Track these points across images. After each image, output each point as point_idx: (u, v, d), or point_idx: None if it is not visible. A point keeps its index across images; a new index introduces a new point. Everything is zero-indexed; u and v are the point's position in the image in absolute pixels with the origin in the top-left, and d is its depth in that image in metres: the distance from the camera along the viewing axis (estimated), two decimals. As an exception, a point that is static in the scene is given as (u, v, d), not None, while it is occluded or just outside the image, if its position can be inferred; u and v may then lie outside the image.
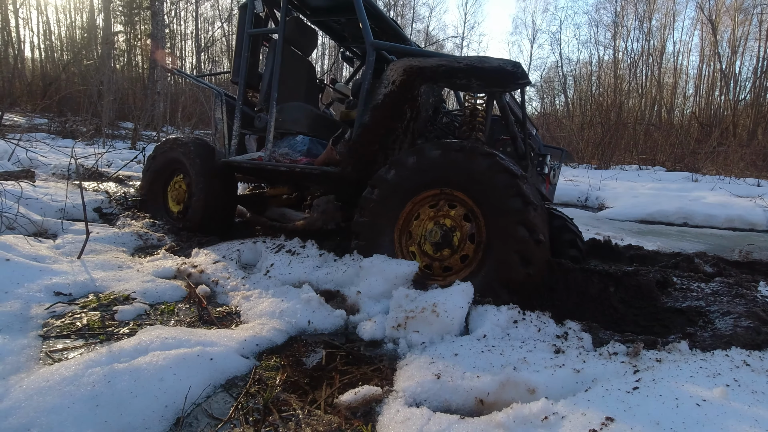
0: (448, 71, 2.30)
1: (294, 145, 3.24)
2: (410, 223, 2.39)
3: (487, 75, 2.27)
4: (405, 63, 2.37)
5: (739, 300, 2.24)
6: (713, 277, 2.87)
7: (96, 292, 2.10)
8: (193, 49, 30.02)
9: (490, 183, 2.12)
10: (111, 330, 1.75)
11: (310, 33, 3.65)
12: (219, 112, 3.45)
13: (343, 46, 4.15)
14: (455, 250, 2.25)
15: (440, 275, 2.29)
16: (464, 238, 2.24)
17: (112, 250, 2.83)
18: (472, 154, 2.18)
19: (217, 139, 3.44)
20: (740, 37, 21.32)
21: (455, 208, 2.27)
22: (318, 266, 2.46)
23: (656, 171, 10.79)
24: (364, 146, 2.63)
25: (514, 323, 1.83)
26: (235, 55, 3.40)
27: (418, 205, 2.37)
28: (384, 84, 2.44)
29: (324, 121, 3.40)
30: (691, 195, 6.77)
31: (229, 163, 3.30)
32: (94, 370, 1.31)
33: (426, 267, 2.32)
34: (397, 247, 2.39)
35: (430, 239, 2.28)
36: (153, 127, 14.13)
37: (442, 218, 2.29)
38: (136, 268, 2.48)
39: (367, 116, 2.54)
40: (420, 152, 2.30)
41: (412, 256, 2.35)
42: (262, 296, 2.12)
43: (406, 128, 2.63)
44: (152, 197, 3.81)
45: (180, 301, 2.14)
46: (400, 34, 3.57)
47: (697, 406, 1.12)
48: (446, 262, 2.28)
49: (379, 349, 1.78)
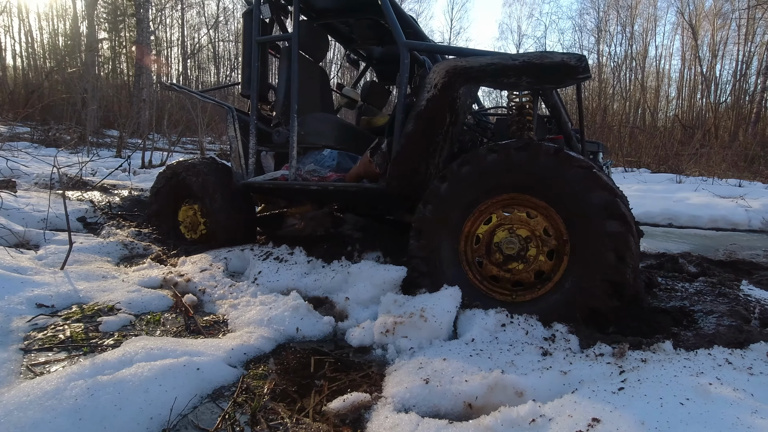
0: (498, 70, 2.08)
1: (321, 160, 3.02)
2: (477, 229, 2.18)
3: (544, 72, 2.04)
4: (449, 64, 2.15)
5: (722, 299, 2.29)
6: (697, 276, 2.92)
7: (80, 303, 2.07)
8: (179, 56, 29.86)
9: (583, 198, 1.89)
10: (95, 342, 1.72)
11: (320, 37, 3.48)
12: (231, 130, 3.20)
13: (348, 49, 3.99)
14: (529, 263, 2.05)
15: (508, 290, 2.10)
16: (541, 252, 2.04)
17: (96, 260, 2.79)
18: (566, 163, 1.93)
19: (233, 159, 3.19)
20: (720, 41, 21.82)
21: (534, 218, 2.06)
22: (306, 273, 2.45)
23: (641, 173, 10.95)
24: (410, 158, 2.43)
25: (502, 327, 1.84)
26: (244, 66, 3.18)
27: (490, 209, 2.15)
28: (426, 88, 2.24)
29: (351, 132, 3.21)
30: (676, 196, 6.88)
31: (250, 185, 3.07)
32: (76, 383, 1.29)
33: (492, 278, 2.13)
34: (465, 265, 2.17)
35: (503, 249, 2.08)
36: (139, 134, 13.98)
37: (518, 227, 2.07)
38: (121, 278, 2.44)
39: (411, 125, 2.32)
40: (505, 152, 2.05)
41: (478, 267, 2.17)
42: (249, 304, 2.11)
43: (445, 134, 2.45)
44: (162, 225, 3.51)
45: (166, 310, 2.12)
46: (419, 32, 3.34)
47: (681, 405, 1.13)
48: (518, 276, 2.09)
49: (368, 355, 1.78)
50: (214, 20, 29.93)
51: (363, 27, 3.52)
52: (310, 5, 3.26)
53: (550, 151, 1.97)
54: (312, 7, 3.30)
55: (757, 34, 19.86)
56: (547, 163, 1.96)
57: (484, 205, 2.13)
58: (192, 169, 3.26)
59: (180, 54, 30.19)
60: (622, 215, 1.83)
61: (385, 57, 4.10)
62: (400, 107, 2.50)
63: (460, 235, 2.15)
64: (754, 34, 20.07)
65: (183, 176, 3.27)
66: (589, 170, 1.91)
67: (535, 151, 1.99)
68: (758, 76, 17.81)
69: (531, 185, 2.02)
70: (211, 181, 3.17)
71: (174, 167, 3.37)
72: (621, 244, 1.81)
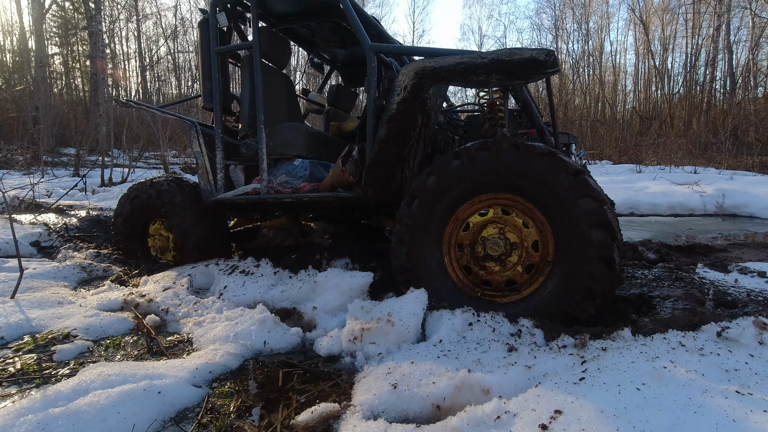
0: (467, 69, 2.06)
1: (293, 170, 2.94)
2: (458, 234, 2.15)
3: (513, 68, 2.03)
4: (418, 65, 2.11)
5: (678, 283, 2.38)
6: (656, 263, 3.03)
7: (32, 333, 1.97)
8: (137, 69, 29.08)
9: (571, 204, 1.87)
10: (49, 372, 1.64)
11: (282, 43, 3.39)
12: (196, 145, 3.07)
13: (311, 53, 3.93)
14: (505, 269, 2.06)
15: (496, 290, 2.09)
16: (521, 264, 2.03)
17: (51, 285, 2.67)
18: (557, 166, 1.90)
19: (200, 176, 3.06)
20: (669, 35, 22.85)
21: (528, 228, 2.03)
22: (273, 285, 2.41)
23: (603, 164, 11.32)
24: (385, 164, 2.39)
25: (470, 326, 1.85)
26: (204, 78, 3.05)
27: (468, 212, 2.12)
28: (396, 92, 2.20)
29: (321, 140, 3.13)
30: (636, 186, 7.14)
31: (220, 201, 2.96)
32: (26, 419, 1.23)
33: (465, 268, 2.14)
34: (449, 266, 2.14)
35: (487, 247, 2.06)
36: (98, 151, 13.49)
37: (510, 230, 2.06)
38: (78, 303, 2.35)
39: (384, 130, 2.28)
40: (495, 150, 1.99)
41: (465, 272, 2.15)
42: (215, 321, 2.06)
43: (418, 136, 2.41)
44: (129, 250, 3.35)
45: (127, 333, 2.04)
46: (383, 33, 3.30)
47: (637, 391, 1.17)
48: (488, 277, 2.10)
49: (337, 364, 1.76)
50: (172, 31, 29.28)
51: (325, 30, 3.46)
52: (269, 11, 3.18)
53: (541, 152, 1.95)
54: (271, 13, 3.22)
55: (703, 27, 20.89)
56: (538, 167, 1.93)
57: (471, 203, 2.10)
58: (156, 189, 3.12)
59: (138, 67, 29.40)
60: (608, 224, 1.83)
61: (350, 59, 4.06)
62: (371, 112, 2.46)
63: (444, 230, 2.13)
64: (700, 27, 21.12)
65: (147, 197, 3.13)
66: (580, 175, 1.89)
67: (527, 152, 1.96)
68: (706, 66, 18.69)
69: (519, 187, 1.99)
70: (178, 201, 3.05)
71: (136, 188, 3.22)
72: (606, 254, 1.81)
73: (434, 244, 2.13)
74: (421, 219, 2.13)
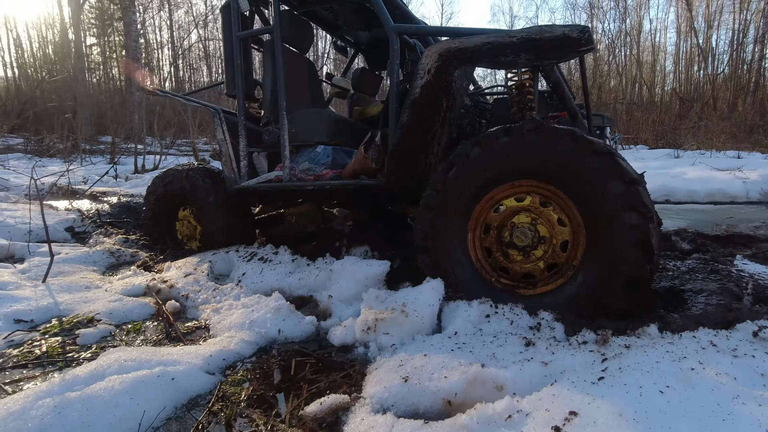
0: (494, 49, 1.96)
1: (315, 157, 2.91)
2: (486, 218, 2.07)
3: (544, 46, 1.92)
4: (442, 47, 2.03)
5: (713, 276, 2.24)
6: (690, 254, 2.87)
7: (59, 316, 2.04)
8: (169, 58, 29.71)
9: (602, 188, 1.75)
10: (71, 356, 1.69)
11: (305, 27, 3.32)
12: (220, 133, 3.09)
13: (334, 36, 3.84)
14: (527, 260, 1.98)
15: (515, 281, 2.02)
16: (544, 259, 1.95)
17: (81, 270, 2.76)
18: (585, 148, 1.78)
19: (224, 163, 3.06)
20: (715, 11, 21.49)
21: (563, 225, 1.92)
22: (291, 272, 2.41)
23: (639, 149, 10.84)
24: (408, 151, 2.32)
25: (486, 318, 1.80)
26: (226, 65, 3.02)
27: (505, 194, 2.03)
28: (419, 75, 2.12)
29: (344, 126, 3.08)
30: (673, 171, 6.80)
31: (243, 189, 2.96)
32: (44, 402, 1.26)
33: (503, 270, 2.05)
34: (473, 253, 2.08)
35: (514, 235, 1.98)
36: (132, 139, 13.85)
37: (541, 223, 1.96)
38: (104, 288, 2.41)
39: (407, 115, 2.21)
40: (550, 137, 1.86)
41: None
42: (232, 308, 2.08)
43: (443, 120, 2.32)
44: (157, 232, 3.43)
45: (148, 318, 2.09)
46: (407, 13, 3.19)
47: (661, 394, 1.09)
48: (506, 264, 2.03)
49: (350, 354, 1.74)
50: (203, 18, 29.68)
51: (348, 12, 3.38)
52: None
53: (565, 133, 1.83)
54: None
55: (753, 1, 19.54)
56: (566, 150, 1.81)
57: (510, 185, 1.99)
58: (190, 181, 3.17)
59: (170, 55, 30.05)
60: (642, 204, 1.70)
61: (373, 42, 3.97)
62: (393, 97, 2.39)
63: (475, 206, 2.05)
64: (749, 2, 19.76)
65: (180, 187, 3.19)
66: (609, 156, 1.77)
67: (550, 135, 1.84)
68: (755, 44, 17.56)
69: (545, 172, 1.88)
70: (202, 188, 3.09)
71: (172, 174, 3.28)
72: (643, 237, 1.68)
73: (462, 217, 2.05)
74: (455, 189, 2.04)
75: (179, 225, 3.38)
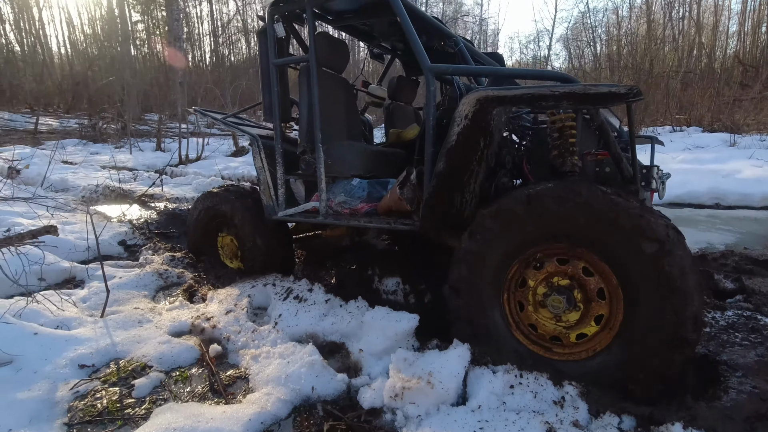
0: (535, 98, 2.01)
1: (351, 190, 2.95)
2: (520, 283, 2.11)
3: (588, 99, 1.95)
4: (480, 95, 2.06)
5: (754, 338, 2.17)
6: (734, 294, 2.77)
7: (117, 359, 2.25)
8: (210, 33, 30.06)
9: (636, 250, 1.76)
10: (128, 412, 1.88)
11: (341, 48, 3.33)
12: (258, 161, 3.14)
13: (371, 44, 3.84)
14: (556, 324, 2.01)
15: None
16: (572, 329, 1.97)
17: (134, 297, 2.99)
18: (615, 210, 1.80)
19: (262, 191, 3.13)
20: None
21: (603, 300, 1.92)
22: (324, 314, 2.53)
23: (692, 133, 10.18)
24: (444, 199, 2.33)
25: (510, 388, 1.84)
26: (263, 91, 3.08)
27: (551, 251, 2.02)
28: (456, 122, 2.13)
29: (380, 158, 3.09)
30: (726, 168, 6.39)
31: (281, 220, 3.07)
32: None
33: (530, 325, 2.08)
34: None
35: (549, 300, 2.00)
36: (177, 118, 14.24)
37: (578, 292, 1.97)
38: (155, 323, 2.62)
39: (443, 163, 2.22)
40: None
41: None
42: (269, 356, 2.22)
43: (480, 158, 2.31)
44: (201, 251, 3.66)
45: (194, 364, 2.27)
46: (445, 33, 3.18)
47: None
48: (534, 321, 2.07)
49: (379, 420, 1.84)
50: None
51: (384, 24, 3.35)
52: (328, 9, 3.11)
53: (597, 195, 1.83)
54: (330, 11, 3.15)
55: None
56: (591, 211, 1.83)
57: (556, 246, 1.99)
58: (222, 199, 3.34)
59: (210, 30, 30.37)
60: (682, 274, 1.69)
61: None
62: (429, 140, 2.38)
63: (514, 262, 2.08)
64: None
65: (218, 211, 3.36)
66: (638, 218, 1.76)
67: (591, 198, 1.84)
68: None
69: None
70: (241, 213, 3.23)
71: (211, 197, 3.43)
72: (687, 315, 1.69)
73: (496, 275, 2.09)
74: (498, 240, 2.06)
75: (221, 242, 3.57)
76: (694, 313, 1.71)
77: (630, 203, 1.81)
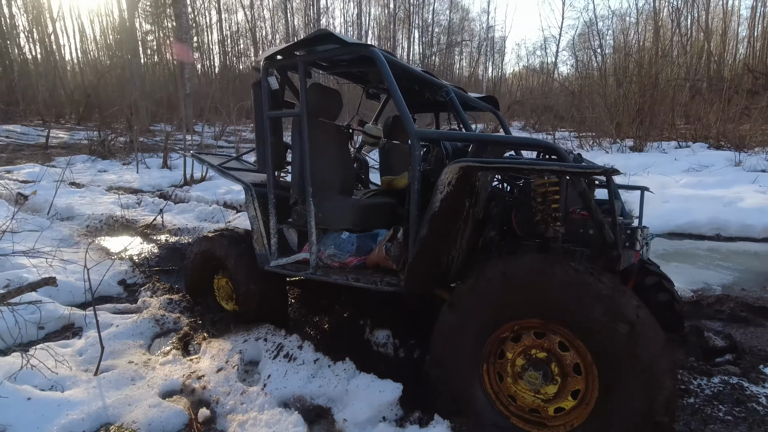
0: (520, 171, 2.11)
1: (341, 244, 3.01)
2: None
3: (569, 174, 1.99)
4: (462, 165, 2.07)
5: (738, 411, 2.17)
6: (723, 353, 2.76)
7: (107, 425, 2.30)
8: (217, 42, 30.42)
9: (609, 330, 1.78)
10: (115, 490, 1.93)
11: (334, 97, 3.37)
12: (252, 210, 3.18)
13: (366, 86, 3.93)
14: (537, 395, 2.02)
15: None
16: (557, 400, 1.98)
17: (129, 347, 3.04)
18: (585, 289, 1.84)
19: (255, 240, 3.18)
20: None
21: (578, 375, 1.94)
22: (312, 375, 2.57)
23: (697, 151, 10.08)
24: (428, 262, 2.37)
25: (489, 472, 1.87)
26: (257, 142, 3.12)
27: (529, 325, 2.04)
28: (439, 189, 2.15)
29: (370, 212, 3.10)
30: (729, 194, 6.34)
31: (273, 271, 3.05)
32: None
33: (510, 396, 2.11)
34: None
35: (526, 375, 2.01)
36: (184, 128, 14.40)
37: (555, 367, 1.98)
38: (147, 380, 2.67)
39: (426, 230, 2.24)
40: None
41: None
42: (256, 424, 2.25)
43: (466, 218, 2.35)
44: (197, 293, 3.70)
45: (182, 430, 2.31)
46: (437, 83, 3.30)
47: None
48: (509, 392, 2.11)
49: (358, 502, 1.88)
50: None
51: (376, 72, 3.38)
52: (317, 65, 3.20)
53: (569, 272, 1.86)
54: (320, 67, 3.25)
55: None
56: (562, 290, 1.86)
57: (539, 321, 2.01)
58: (216, 245, 3.40)
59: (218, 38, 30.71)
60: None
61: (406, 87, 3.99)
62: (414, 203, 2.41)
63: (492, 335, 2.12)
64: None
65: (213, 255, 3.43)
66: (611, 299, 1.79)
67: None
68: None
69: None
70: (235, 259, 3.28)
71: (206, 242, 3.49)
72: (654, 384, 1.71)
73: (474, 347, 2.13)
74: (475, 313, 2.11)
75: (216, 284, 3.63)
76: (666, 398, 1.72)
77: (601, 283, 1.83)
